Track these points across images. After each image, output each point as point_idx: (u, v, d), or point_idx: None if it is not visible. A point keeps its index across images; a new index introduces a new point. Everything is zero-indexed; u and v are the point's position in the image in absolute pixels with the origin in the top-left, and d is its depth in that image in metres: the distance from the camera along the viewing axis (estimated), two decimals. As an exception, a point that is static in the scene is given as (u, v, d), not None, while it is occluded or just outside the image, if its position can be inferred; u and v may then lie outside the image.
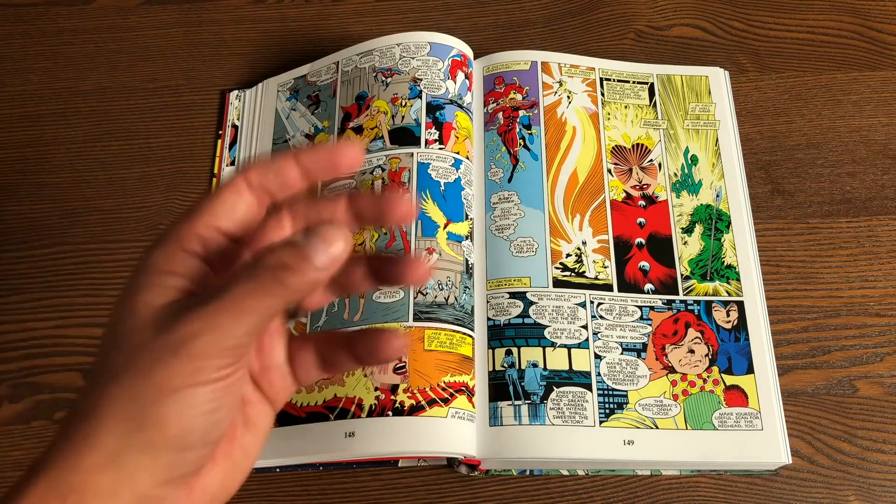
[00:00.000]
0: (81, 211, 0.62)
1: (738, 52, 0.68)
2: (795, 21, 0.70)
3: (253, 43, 0.70)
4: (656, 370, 0.54)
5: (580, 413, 0.52)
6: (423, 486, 0.53)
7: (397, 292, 0.54)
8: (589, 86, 0.64)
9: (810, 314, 0.58)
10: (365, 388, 0.51)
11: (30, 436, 0.55)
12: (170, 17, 0.71)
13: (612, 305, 0.55)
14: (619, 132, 0.62)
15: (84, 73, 0.68)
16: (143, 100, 0.67)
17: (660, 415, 0.52)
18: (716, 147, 0.62)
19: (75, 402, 0.28)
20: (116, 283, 0.59)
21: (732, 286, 0.57)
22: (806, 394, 0.55)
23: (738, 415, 0.52)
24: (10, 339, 0.58)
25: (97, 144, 0.65)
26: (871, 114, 0.65)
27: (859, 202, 0.62)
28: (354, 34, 0.69)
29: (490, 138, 0.61)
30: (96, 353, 0.29)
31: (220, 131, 0.65)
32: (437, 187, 0.57)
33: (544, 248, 0.57)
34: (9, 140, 0.65)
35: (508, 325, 0.54)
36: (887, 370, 0.56)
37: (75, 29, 0.70)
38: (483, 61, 0.64)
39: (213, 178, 0.63)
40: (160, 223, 0.62)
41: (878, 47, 0.68)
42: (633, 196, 0.60)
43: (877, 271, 0.59)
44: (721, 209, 0.60)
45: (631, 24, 0.70)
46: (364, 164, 0.59)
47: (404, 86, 0.60)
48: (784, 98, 0.66)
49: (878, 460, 0.54)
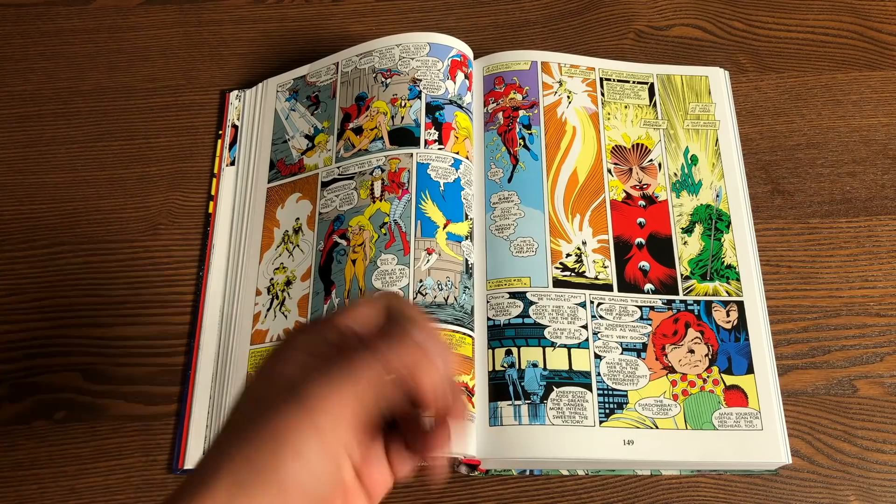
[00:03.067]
0: (81, 211, 0.62)
1: (738, 52, 0.68)
2: (795, 21, 0.70)
3: (253, 43, 0.70)
4: (656, 370, 0.54)
5: (580, 413, 0.52)
6: (422, 486, 0.53)
7: (397, 292, 0.54)
8: (589, 86, 0.64)
9: (810, 314, 0.58)
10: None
11: (30, 436, 0.55)
12: (170, 17, 0.71)
13: (612, 305, 0.55)
14: (619, 132, 0.62)
15: (84, 73, 0.68)
16: (143, 100, 0.67)
17: (660, 415, 0.52)
18: (716, 147, 0.62)
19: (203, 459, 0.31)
20: (116, 282, 0.59)
21: (732, 286, 0.57)
22: (806, 394, 0.55)
23: (738, 415, 0.52)
24: (10, 339, 0.58)
25: (97, 144, 0.65)
26: (871, 114, 0.65)
27: (859, 202, 0.62)
28: (354, 34, 0.69)
29: (490, 138, 0.61)
30: (228, 423, 0.31)
31: (220, 131, 0.65)
32: (437, 187, 0.57)
33: (544, 248, 0.57)
34: (9, 140, 0.65)
35: (508, 325, 0.54)
36: (887, 370, 0.56)
37: (75, 29, 0.70)
38: (483, 61, 0.64)
39: (213, 178, 0.63)
40: (160, 223, 0.62)
41: (878, 47, 0.68)
42: (633, 196, 0.60)
43: (877, 271, 0.59)
44: (721, 209, 0.60)
45: (631, 24, 0.70)
46: (364, 165, 0.59)
47: (404, 86, 0.60)
48: (784, 98, 0.66)
49: (878, 460, 0.54)
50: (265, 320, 0.57)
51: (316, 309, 0.55)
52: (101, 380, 0.56)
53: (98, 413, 0.55)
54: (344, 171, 0.59)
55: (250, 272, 0.59)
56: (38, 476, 0.53)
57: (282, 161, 0.62)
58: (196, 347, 0.57)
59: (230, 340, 0.57)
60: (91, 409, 0.55)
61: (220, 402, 0.55)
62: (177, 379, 0.56)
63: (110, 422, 0.55)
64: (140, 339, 0.58)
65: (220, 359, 0.56)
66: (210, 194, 0.63)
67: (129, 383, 0.56)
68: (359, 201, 0.58)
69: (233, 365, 0.56)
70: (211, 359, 0.56)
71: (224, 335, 0.57)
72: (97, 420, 0.55)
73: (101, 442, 0.54)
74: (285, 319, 0.56)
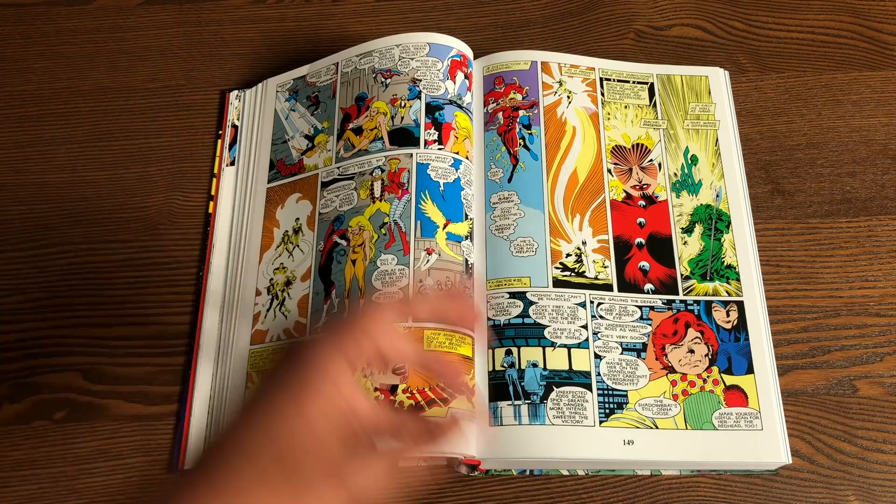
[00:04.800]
0: (81, 211, 0.62)
1: (738, 52, 0.68)
2: (795, 21, 0.70)
3: (253, 43, 0.70)
4: (656, 370, 0.54)
5: (580, 413, 0.52)
6: (422, 486, 0.53)
7: (396, 293, 0.54)
8: (589, 86, 0.64)
9: (810, 314, 0.58)
10: (365, 388, 0.51)
11: (30, 436, 0.55)
12: (170, 17, 0.71)
13: (612, 305, 0.55)
14: (619, 132, 0.62)
15: (84, 73, 0.68)
16: (143, 100, 0.67)
17: (660, 415, 0.52)
18: (716, 147, 0.62)
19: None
20: (116, 283, 0.59)
21: (732, 286, 0.57)
22: (806, 394, 0.55)
23: (738, 415, 0.52)
24: (10, 339, 0.58)
25: (97, 144, 0.65)
26: (871, 114, 0.65)
27: (859, 202, 0.62)
28: (354, 34, 0.69)
29: (490, 138, 0.61)
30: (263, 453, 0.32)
31: (219, 131, 0.65)
32: (437, 187, 0.57)
33: (544, 248, 0.57)
34: (9, 140, 0.65)
35: (508, 325, 0.54)
36: (887, 370, 0.56)
37: (75, 29, 0.70)
38: (483, 61, 0.64)
39: (213, 178, 0.63)
40: (160, 223, 0.62)
41: (878, 47, 0.68)
42: (632, 196, 0.60)
43: (877, 271, 0.59)
44: (721, 209, 0.60)
45: (631, 24, 0.70)
46: (363, 165, 0.59)
47: (403, 86, 0.60)
48: (784, 98, 0.66)
49: (878, 460, 0.54)
50: (265, 320, 0.57)
51: (316, 309, 0.55)
52: (101, 380, 0.56)
53: (98, 413, 0.55)
54: (344, 171, 0.59)
55: (250, 272, 0.59)
56: (38, 476, 0.53)
57: (282, 161, 0.62)
58: (196, 347, 0.57)
59: (230, 340, 0.57)
60: (91, 409, 0.55)
61: (220, 402, 0.55)
62: (177, 379, 0.56)
63: (110, 422, 0.55)
64: (140, 339, 0.58)
65: (220, 359, 0.56)
66: (210, 194, 0.63)
67: (129, 383, 0.56)
68: (359, 201, 0.58)
69: (233, 365, 0.56)
70: (211, 359, 0.56)
71: (224, 335, 0.57)
72: (97, 420, 0.55)
73: (101, 442, 0.54)
74: (285, 319, 0.56)
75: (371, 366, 0.35)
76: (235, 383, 0.55)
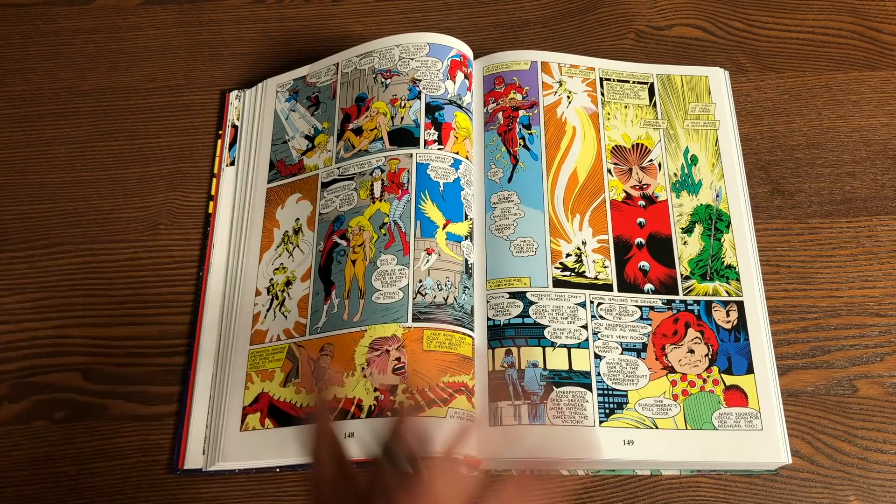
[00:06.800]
0: (81, 211, 0.62)
1: (738, 52, 0.68)
2: (795, 21, 0.70)
3: (253, 43, 0.70)
4: (656, 370, 0.54)
5: (580, 413, 0.52)
6: (422, 487, 0.53)
7: (396, 293, 0.54)
8: (589, 86, 0.64)
9: (810, 314, 0.58)
10: (364, 388, 0.51)
11: (30, 436, 0.55)
12: (170, 17, 0.71)
13: (611, 305, 0.55)
14: (619, 132, 0.62)
15: (84, 73, 0.68)
16: (143, 100, 0.67)
17: (660, 415, 0.52)
18: (716, 147, 0.62)
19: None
20: (116, 283, 0.59)
21: (732, 286, 0.57)
22: (806, 394, 0.55)
23: (738, 415, 0.52)
24: (10, 339, 0.58)
25: (97, 144, 0.65)
26: (871, 114, 0.65)
27: (859, 202, 0.62)
28: (354, 34, 0.69)
29: (490, 138, 0.61)
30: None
31: (220, 131, 0.65)
32: (437, 187, 0.57)
33: (544, 248, 0.57)
34: (9, 140, 0.65)
35: (508, 325, 0.54)
36: (887, 370, 0.56)
37: (75, 29, 0.70)
38: (483, 61, 0.64)
39: (213, 178, 0.63)
40: (160, 223, 0.62)
41: (878, 47, 0.68)
42: (632, 196, 0.60)
43: (877, 271, 0.59)
44: (721, 209, 0.60)
45: (631, 24, 0.70)
46: (363, 165, 0.59)
47: (403, 87, 0.60)
48: (784, 98, 0.66)
49: (878, 460, 0.54)
50: (265, 320, 0.57)
51: (316, 309, 0.55)
52: (101, 380, 0.56)
53: (98, 413, 0.55)
54: (344, 171, 0.59)
55: (250, 272, 0.59)
56: (37, 476, 0.53)
57: (282, 161, 0.62)
58: (196, 347, 0.57)
59: (230, 340, 0.57)
60: (91, 409, 0.55)
61: (219, 402, 0.55)
62: (177, 379, 0.56)
63: (110, 422, 0.55)
64: (140, 339, 0.58)
65: (219, 359, 0.56)
66: (210, 194, 0.63)
67: (129, 383, 0.56)
68: (359, 202, 0.58)
69: (232, 365, 0.56)
70: (211, 359, 0.57)
71: (224, 335, 0.57)
72: (97, 420, 0.55)
73: (101, 442, 0.54)
74: (285, 320, 0.56)
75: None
76: (235, 383, 0.55)
